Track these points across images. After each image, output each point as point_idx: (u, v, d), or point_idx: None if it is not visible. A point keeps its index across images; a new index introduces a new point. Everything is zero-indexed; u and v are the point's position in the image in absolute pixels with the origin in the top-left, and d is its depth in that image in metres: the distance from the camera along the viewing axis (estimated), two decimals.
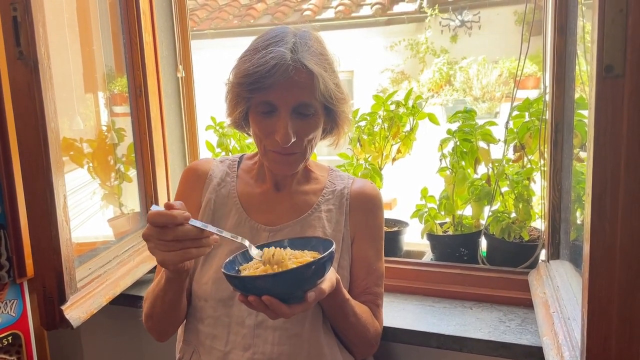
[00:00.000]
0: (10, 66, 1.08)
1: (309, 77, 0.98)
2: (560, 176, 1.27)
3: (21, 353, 1.37)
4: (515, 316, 1.30)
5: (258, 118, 1.02)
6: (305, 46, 1.00)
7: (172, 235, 0.86)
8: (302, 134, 1.02)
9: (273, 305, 0.85)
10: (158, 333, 1.12)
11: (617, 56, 0.67)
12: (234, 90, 1.03)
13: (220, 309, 1.06)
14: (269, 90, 0.98)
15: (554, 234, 1.29)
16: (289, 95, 0.99)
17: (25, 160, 1.12)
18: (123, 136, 1.65)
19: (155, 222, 0.86)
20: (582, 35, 1.23)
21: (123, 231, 1.64)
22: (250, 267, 0.91)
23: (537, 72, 5.96)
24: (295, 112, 1.01)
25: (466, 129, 1.47)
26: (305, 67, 0.98)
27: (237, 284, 0.87)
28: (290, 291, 0.85)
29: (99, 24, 1.63)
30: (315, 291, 0.88)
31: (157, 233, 0.86)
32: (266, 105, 1.00)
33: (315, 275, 0.86)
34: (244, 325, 1.05)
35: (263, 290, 0.84)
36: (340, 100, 1.05)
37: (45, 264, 1.15)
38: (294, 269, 0.85)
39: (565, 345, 0.93)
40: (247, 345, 1.04)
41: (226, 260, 0.93)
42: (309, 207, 1.13)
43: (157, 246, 0.87)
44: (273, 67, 0.96)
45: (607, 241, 0.70)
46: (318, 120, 1.04)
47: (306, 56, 0.99)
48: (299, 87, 0.98)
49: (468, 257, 1.48)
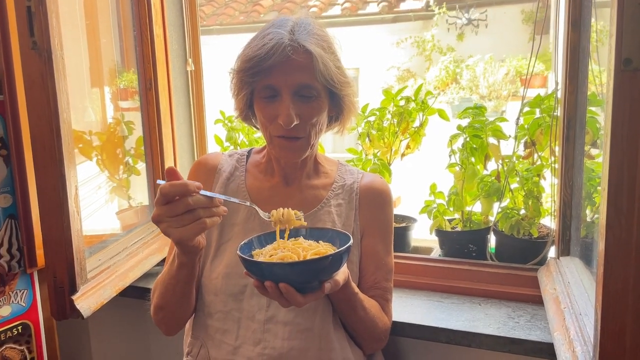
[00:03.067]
0: (24, 56, 1.09)
1: (308, 57, 0.98)
2: (572, 173, 1.26)
3: (30, 343, 1.38)
4: (524, 312, 1.30)
5: (262, 104, 1.03)
6: (303, 28, 1.01)
7: (183, 207, 0.85)
8: (306, 117, 1.02)
9: (289, 294, 0.85)
10: (167, 326, 1.11)
11: (635, 50, 0.66)
12: (237, 78, 1.04)
13: (231, 304, 1.06)
14: (269, 74, 0.99)
15: (565, 230, 1.29)
16: (289, 77, 0.99)
17: (38, 151, 1.12)
18: (132, 129, 1.65)
19: (169, 194, 0.84)
20: (593, 34, 1.23)
21: (131, 224, 1.64)
22: (265, 254, 0.91)
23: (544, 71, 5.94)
24: (298, 95, 1.00)
25: (476, 125, 1.47)
26: (302, 47, 0.98)
27: (254, 269, 0.87)
28: (307, 281, 0.86)
29: (109, 17, 1.63)
30: (331, 282, 0.88)
31: (168, 210, 0.85)
32: (268, 89, 1.01)
33: (332, 266, 0.87)
34: (255, 319, 1.05)
35: (279, 277, 0.84)
36: (344, 83, 1.05)
37: (57, 254, 1.15)
38: (313, 260, 0.85)
39: (577, 340, 0.93)
40: (257, 340, 1.04)
41: (242, 242, 0.93)
42: (319, 201, 1.13)
43: (170, 224, 0.86)
44: (271, 49, 0.96)
45: (623, 236, 0.70)
46: (321, 103, 1.03)
47: (304, 37, 0.99)
48: (299, 68, 0.98)
49: (477, 254, 1.48)
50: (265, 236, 0.97)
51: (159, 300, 1.07)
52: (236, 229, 1.10)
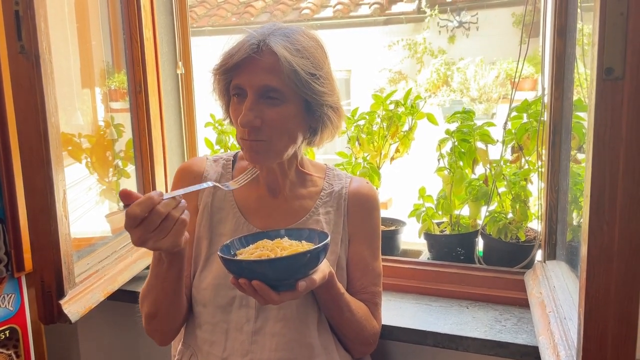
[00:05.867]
0: (12, 60, 1.08)
1: (274, 59, 0.96)
2: (557, 177, 1.28)
3: (18, 347, 1.37)
4: (511, 315, 1.31)
5: (233, 105, 1.03)
6: (281, 33, 0.99)
7: (158, 217, 0.84)
8: (269, 121, 0.98)
9: (262, 291, 0.86)
10: (161, 334, 1.10)
11: (617, 59, 0.67)
12: (213, 77, 1.05)
13: (219, 315, 1.06)
14: (237, 73, 0.99)
15: (551, 234, 1.30)
16: (254, 77, 0.97)
17: (26, 155, 1.12)
18: (122, 132, 1.65)
19: (139, 215, 0.82)
20: (580, 38, 1.24)
21: (120, 227, 1.64)
22: (246, 252, 0.93)
23: (533, 74, 5.99)
24: (264, 97, 0.98)
25: (464, 130, 1.48)
26: (268, 47, 0.97)
27: (231, 267, 0.89)
28: (282, 278, 0.87)
29: (99, 19, 1.63)
30: (306, 280, 0.89)
31: (145, 228, 0.83)
32: (236, 88, 1.01)
33: (309, 264, 0.88)
34: (242, 331, 1.05)
35: (255, 275, 0.86)
36: (320, 92, 1.00)
37: (44, 259, 1.15)
38: (289, 256, 0.87)
39: (561, 344, 0.94)
40: (245, 352, 1.04)
41: (223, 244, 0.95)
42: (306, 211, 1.12)
43: (155, 238, 0.85)
44: (240, 46, 0.97)
45: (605, 242, 0.71)
46: (289, 109, 0.99)
47: (275, 39, 0.97)
48: (265, 70, 0.97)
49: (465, 257, 1.49)
50: (246, 237, 0.99)
51: (151, 308, 1.05)
52: (224, 239, 1.09)
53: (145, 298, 1.07)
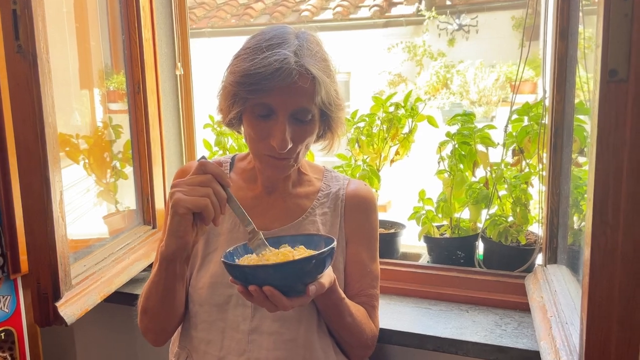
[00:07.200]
0: (9, 60, 1.07)
1: (312, 83, 0.95)
2: (559, 181, 1.27)
3: (14, 350, 1.36)
4: (511, 320, 1.30)
5: (254, 121, 0.99)
6: (308, 50, 0.97)
7: (199, 181, 0.88)
8: (298, 140, 1.00)
9: (274, 297, 0.84)
10: (154, 333, 1.09)
11: (621, 61, 0.66)
12: (231, 89, 0.99)
13: (215, 314, 1.05)
14: (269, 93, 0.95)
15: (552, 238, 1.29)
16: (289, 100, 0.96)
17: (22, 155, 1.11)
18: (120, 133, 1.64)
19: (209, 170, 0.89)
20: (581, 42, 1.24)
21: (118, 229, 1.63)
22: (250, 260, 0.91)
23: (533, 77, 5.98)
24: (293, 118, 0.98)
25: (465, 132, 1.47)
26: (309, 72, 0.95)
27: (238, 274, 0.87)
28: (291, 283, 0.85)
29: (98, 20, 1.62)
30: (315, 284, 0.87)
31: (187, 179, 0.89)
32: (264, 108, 0.97)
33: (316, 268, 0.86)
34: (239, 330, 1.04)
35: (264, 281, 0.84)
36: (338, 106, 1.03)
37: (40, 260, 1.14)
38: (297, 261, 0.85)
39: (563, 349, 0.93)
40: (241, 351, 1.03)
41: (226, 251, 0.93)
42: (303, 211, 1.11)
43: (182, 190, 0.88)
44: (277, 71, 0.92)
45: (608, 246, 0.70)
46: (314, 126, 1.02)
47: (310, 61, 0.96)
48: (300, 93, 0.95)
49: (465, 260, 1.48)
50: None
51: (145, 303, 1.05)
52: (221, 238, 1.09)
53: (142, 293, 1.08)
